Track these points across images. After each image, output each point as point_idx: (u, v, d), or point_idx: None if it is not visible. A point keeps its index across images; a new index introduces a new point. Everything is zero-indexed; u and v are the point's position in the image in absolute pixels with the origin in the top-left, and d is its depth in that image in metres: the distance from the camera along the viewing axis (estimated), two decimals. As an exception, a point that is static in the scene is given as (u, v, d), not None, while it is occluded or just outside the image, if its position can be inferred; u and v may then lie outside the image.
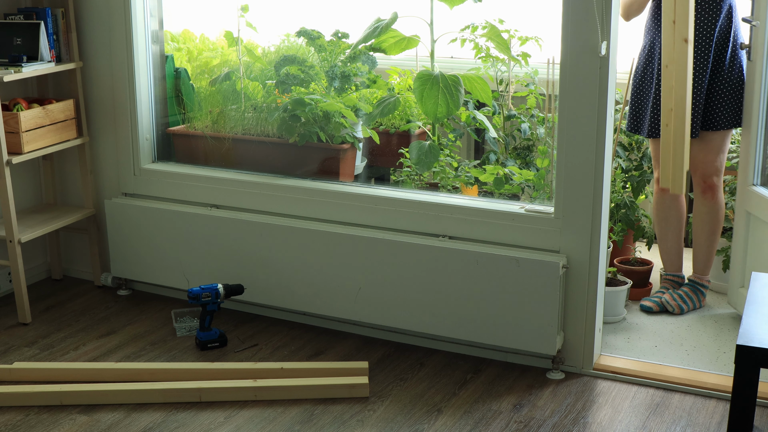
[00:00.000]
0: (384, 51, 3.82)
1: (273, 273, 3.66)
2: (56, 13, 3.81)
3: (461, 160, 4.08)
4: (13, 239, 3.71)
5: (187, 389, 3.16)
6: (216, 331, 3.57)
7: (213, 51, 4.34)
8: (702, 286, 3.88)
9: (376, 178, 4.20)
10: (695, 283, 3.89)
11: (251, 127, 4.07)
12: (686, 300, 3.83)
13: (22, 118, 3.68)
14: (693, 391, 3.21)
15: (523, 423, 3.02)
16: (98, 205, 4.11)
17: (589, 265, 3.27)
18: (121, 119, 3.97)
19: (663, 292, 3.90)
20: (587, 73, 3.12)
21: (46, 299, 4.05)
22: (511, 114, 4.06)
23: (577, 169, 3.21)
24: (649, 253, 4.30)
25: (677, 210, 3.84)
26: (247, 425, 3.02)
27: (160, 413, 3.08)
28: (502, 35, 3.83)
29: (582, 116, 3.17)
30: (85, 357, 3.49)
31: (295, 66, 3.92)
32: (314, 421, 3.04)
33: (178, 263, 3.89)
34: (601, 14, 3.06)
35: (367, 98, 4.00)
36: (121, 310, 3.93)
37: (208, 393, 3.16)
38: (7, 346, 3.58)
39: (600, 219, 3.23)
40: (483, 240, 3.42)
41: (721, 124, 3.63)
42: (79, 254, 4.26)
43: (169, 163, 4.05)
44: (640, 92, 3.74)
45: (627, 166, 4.10)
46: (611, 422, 3.03)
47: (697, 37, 3.56)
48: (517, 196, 3.77)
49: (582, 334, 3.33)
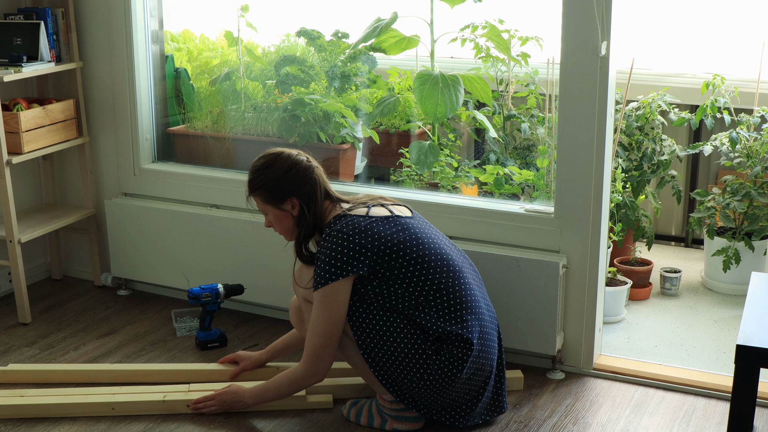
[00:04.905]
0: (384, 51, 3.82)
1: (273, 273, 3.66)
2: (56, 13, 3.81)
3: (461, 160, 4.08)
4: (13, 239, 3.71)
5: (179, 400, 3.08)
6: (216, 331, 3.57)
7: (213, 51, 4.34)
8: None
9: (376, 178, 4.20)
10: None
11: (251, 127, 4.07)
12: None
13: (22, 118, 3.68)
14: (693, 391, 3.21)
15: (523, 423, 3.02)
16: (98, 205, 4.11)
17: (589, 265, 3.27)
18: (121, 119, 3.97)
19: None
20: (587, 73, 3.12)
21: (46, 299, 4.05)
22: (511, 114, 4.06)
23: (577, 169, 3.21)
24: (649, 253, 4.30)
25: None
26: (242, 427, 3.02)
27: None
28: (502, 35, 3.84)
29: (582, 116, 3.17)
30: (85, 357, 3.49)
31: (295, 66, 3.93)
32: (314, 420, 3.04)
33: (178, 263, 3.89)
34: (601, 14, 3.06)
35: (367, 98, 4.00)
36: (121, 310, 3.93)
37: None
38: (7, 346, 3.58)
39: (600, 219, 3.23)
40: (483, 240, 3.42)
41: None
42: (79, 254, 4.26)
43: (169, 163, 4.05)
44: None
45: (627, 166, 4.10)
46: (611, 422, 3.03)
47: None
48: (517, 196, 3.77)
49: (582, 334, 3.33)
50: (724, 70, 4.25)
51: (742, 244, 3.98)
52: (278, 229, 2.95)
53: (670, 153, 4.14)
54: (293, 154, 2.92)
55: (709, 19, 4.50)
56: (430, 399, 2.84)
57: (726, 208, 4.01)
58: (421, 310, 2.79)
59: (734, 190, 4.00)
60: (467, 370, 2.80)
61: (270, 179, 2.88)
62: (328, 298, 2.78)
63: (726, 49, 4.50)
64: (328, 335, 2.81)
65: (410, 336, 2.78)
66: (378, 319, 2.79)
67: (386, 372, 2.83)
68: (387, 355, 2.80)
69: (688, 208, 4.66)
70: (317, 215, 2.89)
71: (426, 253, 2.82)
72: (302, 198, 2.88)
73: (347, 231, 2.78)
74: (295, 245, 2.92)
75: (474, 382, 2.86)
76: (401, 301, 2.78)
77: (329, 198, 2.93)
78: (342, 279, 2.76)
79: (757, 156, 4.01)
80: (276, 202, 2.90)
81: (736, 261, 3.93)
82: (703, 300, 4.05)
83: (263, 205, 2.94)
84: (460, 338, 2.79)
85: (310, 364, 2.86)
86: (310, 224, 2.89)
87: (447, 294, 2.80)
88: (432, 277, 2.80)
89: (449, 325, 2.79)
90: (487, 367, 2.87)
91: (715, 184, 4.55)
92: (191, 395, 3.09)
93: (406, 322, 2.79)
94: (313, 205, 2.88)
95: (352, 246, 2.76)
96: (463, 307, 2.81)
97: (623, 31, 3.25)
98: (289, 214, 2.90)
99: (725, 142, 4.04)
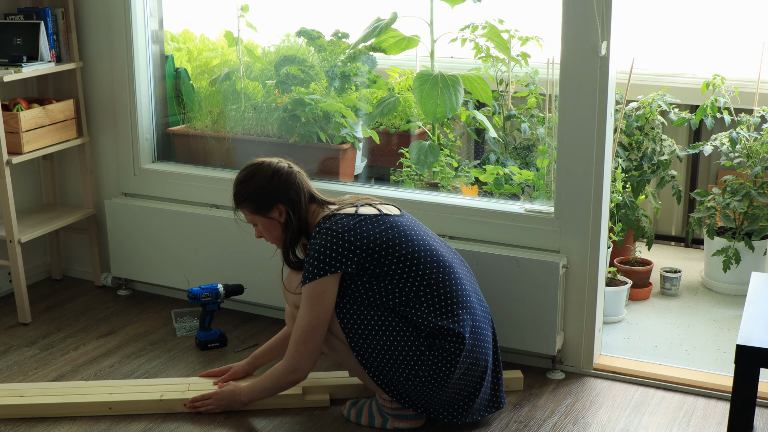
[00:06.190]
0: (384, 51, 3.83)
1: (273, 273, 3.66)
2: (56, 13, 3.81)
3: (461, 160, 4.08)
4: (13, 239, 3.71)
5: (177, 399, 3.08)
6: (216, 331, 3.57)
7: (213, 51, 4.34)
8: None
9: (376, 178, 4.20)
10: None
11: (251, 127, 4.07)
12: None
13: (22, 118, 3.68)
14: (693, 391, 3.21)
15: (523, 423, 3.02)
16: (98, 205, 4.11)
17: (589, 265, 3.27)
18: (121, 119, 3.97)
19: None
20: (587, 73, 3.12)
21: (46, 299, 4.05)
22: (511, 114, 4.06)
23: (577, 169, 3.21)
24: (649, 253, 4.30)
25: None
26: (242, 427, 3.02)
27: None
28: (502, 35, 3.83)
29: (582, 116, 3.17)
30: (85, 357, 3.49)
31: (295, 66, 3.93)
32: (315, 420, 3.04)
33: (178, 263, 3.89)
34: (601, 14, 3.06)
35: (367, 98, 4.00)
36: (121, 310, 3.93)
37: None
38: (7, 346, 3.58)
39: (600, 219, 3.23)
40: (483, 240, 3.42)
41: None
42: (79, 254, 4.26)
43: (169, 163, 4.05)
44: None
45: (627, 166, 4.10)
46: (611, 422, 3.03)
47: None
48: (517, 196, 3.77)
49: (582, 334, 3.33)
50: (724, 70, 4.25)
51: (742, 244, 3.98)
52: (269, 238, 2.98)
53: (670, 153, 4.14)
54: (273, 162, 2.95)
55: (709, 19, 4.50)
56: (427, 396, 2.84)
57: (726, 208, 4.01)
58: (412, 306, 2.79)
59: (734, 190, 4.00)
60: (461, 365, 2.81)
61: (254, 189, 2.91)
62: (315, 293, 2.79)
63: (726, 49, 4.50)
64: (310, 330, 2.82)
65: (402, 333, 2.78)
66: (369, 318, 2.79)
67: (381, 372, 2.83)
68: (380, 355, 2.80)
69: (688, 208, 4.66)
70: (303, 219, 2.92)
71: (415, 249, 2.83)
72: (287, 203, 2.90)
73: (336, 229, 2.80)
74: (282, 251, 2.95)
75: (469, 377, 2.86)
76: (391, 297, 2.79)
77: (314, 201, 2.96)
78: (330, 275, 2.78)
79: (757, 156, 4.01)
80: (263, 211, 2.92)
81: (736, 261, 3.93)
82: (703, 300, 4.05)
83: (251, 216, 2.96)
84: (451, 333, 2.79)
85: (289, 360, 2.88)
86: (296, 228, 2.91)
87: (437, 289, 2.81)
88: (422, 273, 2.81)
89: (440, 320, 2.79)
90: (481, 362, 2.88)
91: (715, 184, 4.55)
92: (189, 394, 3.09)
93: (397, 319, 2.79)
94: (298, 209, 2.91)
95: (340, 243, 2.78)
96: (454, 302, 2.82)
97: (623, 31, 3.25)
98: (277, 222, 2.93)
99: (725, 142, 4.04)
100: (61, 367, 3.41)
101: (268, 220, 2.94)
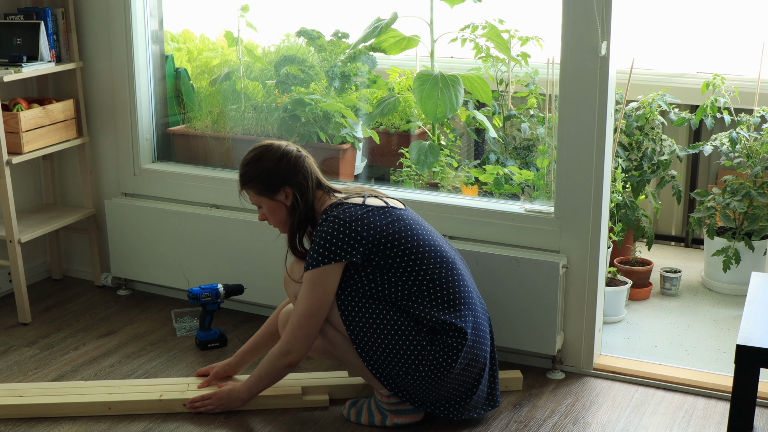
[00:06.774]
0: (384, 51, 3.83)
1: (273, 273, 3.66)
2: (56, 13, 3.81)
3: (461, 160, 4.08)
4: (13, 239, 3.71)
5: (176, 399, 3.08)
6: (216, 331, 3.57)
7: (213, 51, 4.34)
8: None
9: (376, 178, 4.20)
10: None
11: (251, 127, 4.07)
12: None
13: (22, 118, 3.68)
14: (693, 391, 3.21)
15: (523, 423, 3.02)
16: (98, 205, 4.11)
17: (589, 265, 3.27)
18: (121, 119, 3.97)
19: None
20: (587, 73, 3.12)
21: (46, 299, 4.05)
22: (511, 114, 4.06)
23: (577, 169, 3.21)
24: (649, 253, 4.30)
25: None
26: (242, 427, 3.02)
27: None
28: (502, 35, 3.84)
29: (582, 116, 3.17)
30: (85, 357, 3.49)
31: (295, 66, 3.93)
32: (315, 420, 3.04)
33: (178, 263, 3.89)
34: (601, 14, 3.06)
35: (367, 98, 4.00)
36: (121, 310, 3.93)
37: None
38: (7, 346, 3.58)
39: (600, 219, 3.23)
40: (483, 240, 3.42)
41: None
42: (79, 254, 4.26)
43: (169, 163, 4.05)
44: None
45: (627, 166, 4.10)
46: (611, 422, 3.03)
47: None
48: (517, 196, 3.77)
49: (582, 334, 3.33)
50: (724, 70, 4.25)
51: (742, 244, 3.98)
52: (272, 221, 2.96)
53: (670, 153, 4.14)
54: (283, 144, 2.93)
55: (709, 19, 4.50)
56: (425, 391, 2.84)
57: (726, 208, 4.01)
58: (414, 300, 2.79)
59: (734, 190, 4.00)
60: (461, 361, 2.81)
61: (262, 170, 2.89)
62: (318, 280, 2.78)
63: (726, 49, 4.50)
64: (308, 315, 2.81)
65: (404, 327, 2.78)
66: (371, 311, 2.79)
67: (380, 365, 2.83)
68: (381, 348, 2.80)
69: (688, 208, 4.66)
70: (310, 204, 2.90)
71: (420, 244, 2.83)
72: (295, 187, 2.88)
73: (344, 218, 2.79)
74: (288, 236, 2.93)
75: (468, 373, 2.86)
76: (394, 291, 2.79)
77: (321, 188, 2.94)
78: (334, 263, 2.77)
79: (757, 156, 4.01)
80: (269, 193, 2.90)
81: (736, 261, 3.93)
82: (703, 300, 4.05)
83: (256, 198, 2.94)
84: (454, 328, 2.79)
85: (283, 343, 2.86)
86: (303, 213, 2.89)
87: (441, 285, 2.81)
88: (426, 267, 2.81)
89: (443, 314, 2.79)
90: (481, 359, 2.88)
91: (715, 184, 4.55)
92: (188, 394, 3.09)
93: (399, 313, 2.79)
94: (305, 193, 2.89)
95: (348, 233, 2.77)
96: (457, 298, 2.82)
97: (623, 31, 3.25)
98: (283, 205, 2.91)
99: (725, 142, 4.04)
100: (61, 367, 3.41)
101: (273, 203, 2.92)
